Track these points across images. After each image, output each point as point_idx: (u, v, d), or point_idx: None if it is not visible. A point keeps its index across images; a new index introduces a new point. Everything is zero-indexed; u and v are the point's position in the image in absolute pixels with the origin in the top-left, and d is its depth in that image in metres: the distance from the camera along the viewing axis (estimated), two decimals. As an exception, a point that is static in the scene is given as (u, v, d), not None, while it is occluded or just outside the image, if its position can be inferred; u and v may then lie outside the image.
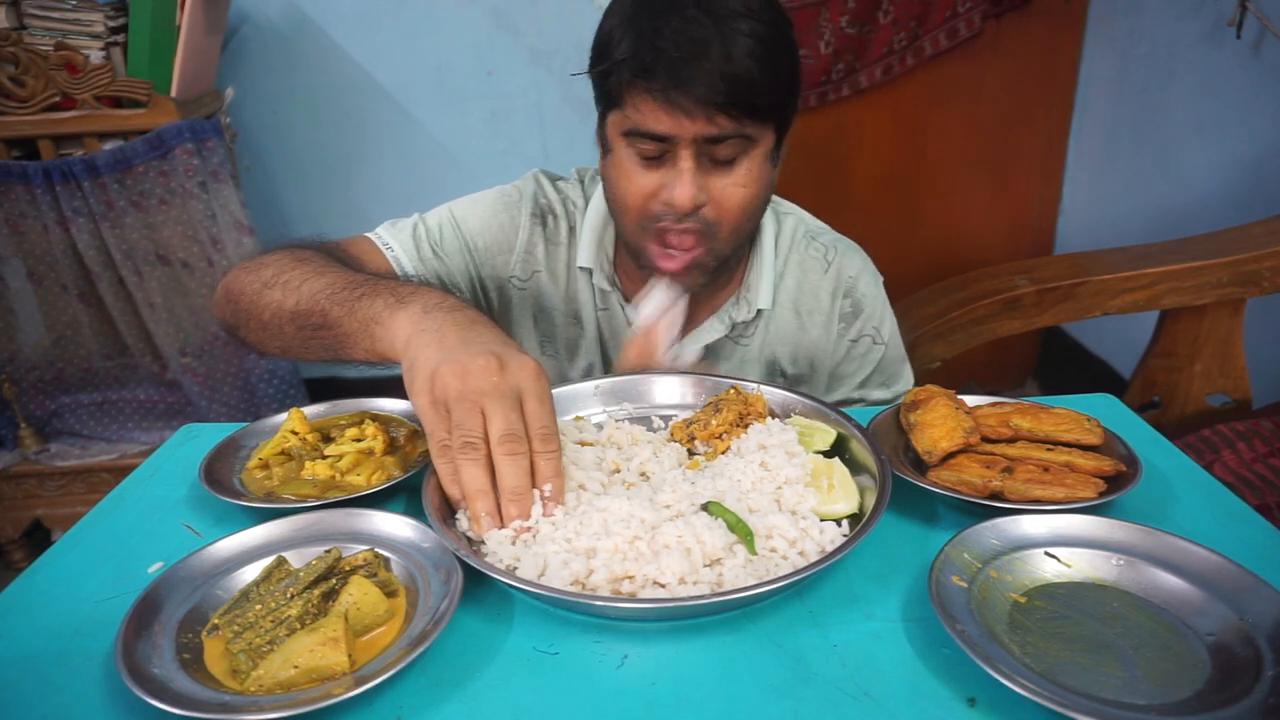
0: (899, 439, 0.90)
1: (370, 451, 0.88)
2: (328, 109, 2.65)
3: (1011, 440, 0.86)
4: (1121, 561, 0.69)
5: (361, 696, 0.57)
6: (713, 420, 0.88)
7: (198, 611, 0.67)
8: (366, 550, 0.72)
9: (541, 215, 1.16)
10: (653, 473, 0.83)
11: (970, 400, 0.92)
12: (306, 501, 0.80)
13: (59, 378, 2.30)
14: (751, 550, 0.69)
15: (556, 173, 1.22)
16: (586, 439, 0.88)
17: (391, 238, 1.10)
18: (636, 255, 1.06)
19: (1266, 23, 1.99)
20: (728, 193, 0.98)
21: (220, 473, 0.87)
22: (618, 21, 0.94)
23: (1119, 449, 0.83)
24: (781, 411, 0.93)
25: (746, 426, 0.88)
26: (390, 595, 0.68)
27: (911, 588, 0.70)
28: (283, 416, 0.95)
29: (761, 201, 1.02)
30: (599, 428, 0.92)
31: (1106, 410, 0.99)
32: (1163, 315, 1.95)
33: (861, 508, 0.77)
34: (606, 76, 0.96)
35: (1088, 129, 2.76)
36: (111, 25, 2.04)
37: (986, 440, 0.86)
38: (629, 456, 0.84)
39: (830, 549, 0.70)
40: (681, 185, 0.95)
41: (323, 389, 2.44)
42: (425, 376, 0.73)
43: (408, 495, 0.85)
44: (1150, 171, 2.51)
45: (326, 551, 0.70)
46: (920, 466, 0.84)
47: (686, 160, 0.95)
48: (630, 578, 0.67)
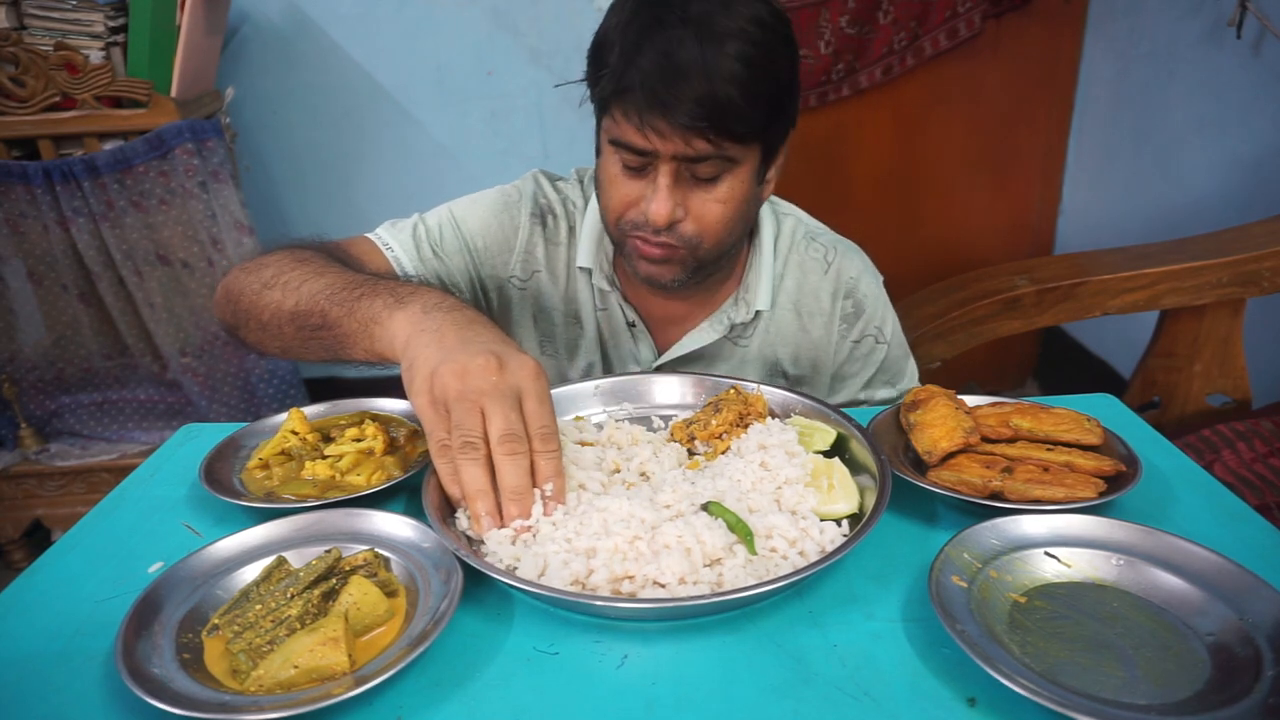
0: (899, 439, 0.90)
1: (370, 451, 0.88)
2: (327, 109, 2.65)
3: (1011, 440, 0.86)
4: (1121, 561, 0.69)
5: (361, 696, 0.57)
6: (713, 420, 0.88)
7: (198, 611, 0.67)
8: (366, 550, 0.72)
9: (541, 215, 1.16)
10: (653, 473, 0.83)
11: (970, 400, 0.92)
12: (306, 501, 0.80)
13: (59, 378, 2.30)
14: (751, 550, 0.69)
15: (556, 173, 1.22)
16: (586, 439, 0.88)
17: (391, 238, 1.10)
18: (619, 248, 1.06)
19: (1266, 23, 1.99)
20: (707, 208, 0.97)
21: (220, 473, 0.87)
22: (612, 26, 0.94)
23: (1119, 449, 0.83)
24: (781, 411, 0.93)
25: (746, 426, 0.88)
26: (390, 595, 0.68)
27: (911, 588, 0.70)
28: (283, 416, 0.95)
29: (743, 217, 1.01)
30: (599, 428, 0.92)
31: (1106, 410, 0.99)
32: (1163, 315, 1.95)
33: (861, 508, 0.77)
34: (595, 84, 0.96)
35: (1088, 129, 2.76)
36: (111, 25, 2.04)
37: (986, 440, 0.86)
38: (629, 456, 0.84)
39: (830, 549, 0.70)
40: (658, 201, 0.95)
41: (323, 389, 2.43)
42: (424, 376, 0.73)
43: (408, 495, 0.85)
44: (1150, 171, 2.51)
45: (326, 551, 0.70)
46: (920, 466, 0.84)
47: (665, 176, 0.94)
48: (630, 578, 0.67)
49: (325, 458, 0.88)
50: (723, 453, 0.86)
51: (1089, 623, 0.64)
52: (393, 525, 0.75)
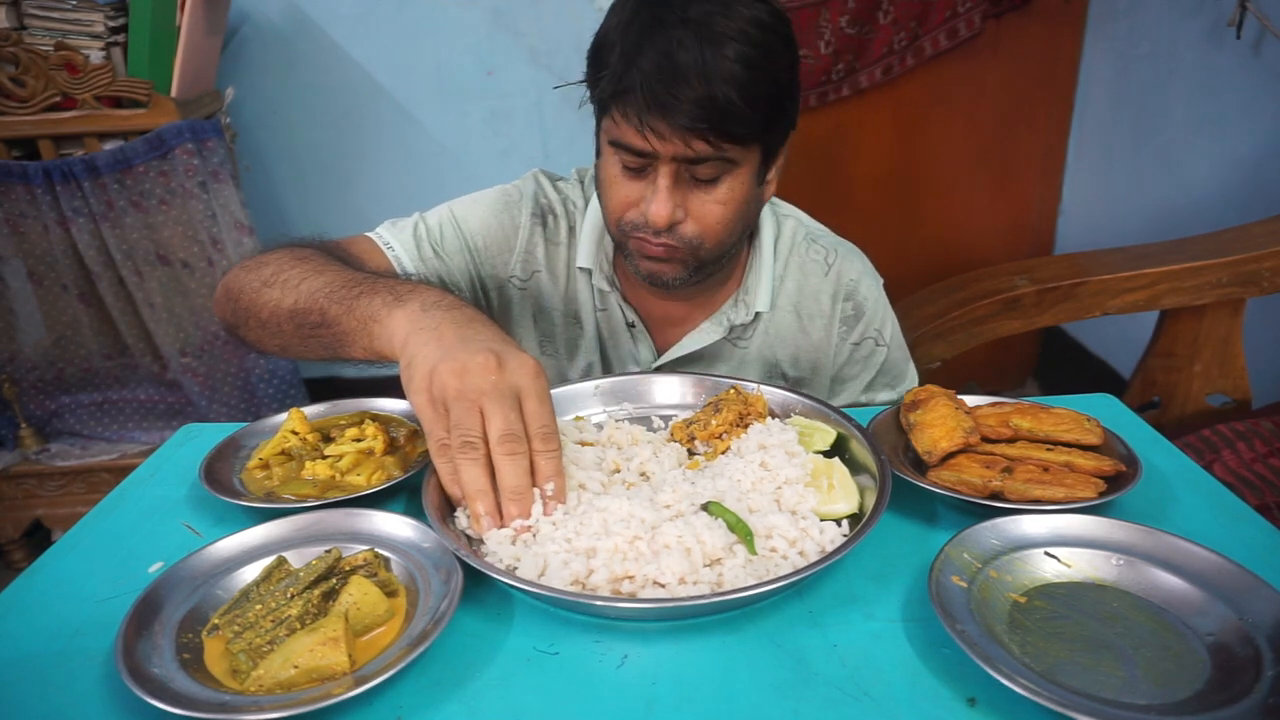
0: (899, 439, 0.90)
1: (370, 451, 0.88)
2: (327, 109, 2.65)
3: (1011, 440, 0.86)
4: (1121, 561, 0.69)
5: (361, 696, 0.57)
6: (713, 420, 0.88)
7: (198, 611, 0.67)
8: (366, 550, 0.72)
9: (542, 215, 1.16)
10: (653, 473, 0.83)
11: (970, 400, 0.92)
12: (306, 501, 0.80)
13: (59, 378, 2.30)
14: (751, 550, 0.69)
15: (556, 173, 1.22)
16: (586, 439, 0.88)
17: (392, 237, 1.10)
18: (620, 248, 1.06)
19: (1266, 23, 1.99)
20: (707, 209, 0.97)
21: (220, 473, 0.87)
22: (613, 26, 0.94)
23: (1119, 449, 0.83)
24: (781, 411, 0.93)
25: (746, 426, 0.88)
26: (390, 595, 0.68)
27: (911, 588, 0.70)
28: (283, 416, 0.95)
29: (743, 217, 1.01)
30: (599, 428, 0.92)
31: (1106, 410, 0.99)
32: (1163, 315, 1.95)
33: (861, 508, 0.77)
34: (595, 85, 0.96)
35: (1088, 129, 2.76)
36: (111, 25, 2.04)
37: (986, 440, 0.86)
38: (629, 456, 0.84)
39: (830, 549, 0.70)
40: (657, 202, 0.95)
41: (323, 389, 2.43)
42: (423, 375, 0.73)
43: (408, 495, 0.85)
44: (1150, 171, 2.51)
45: (326, 551, 0.70)
46: (920, 466, 0.84)
47: (664, 178, 0.94)
48: (630, 578, 0.67)
49: (325, 458, 0.88)
50: (723, 453, 0.86)
51: (1089, 623, 0.64)
52: (393, 525, 0.75)
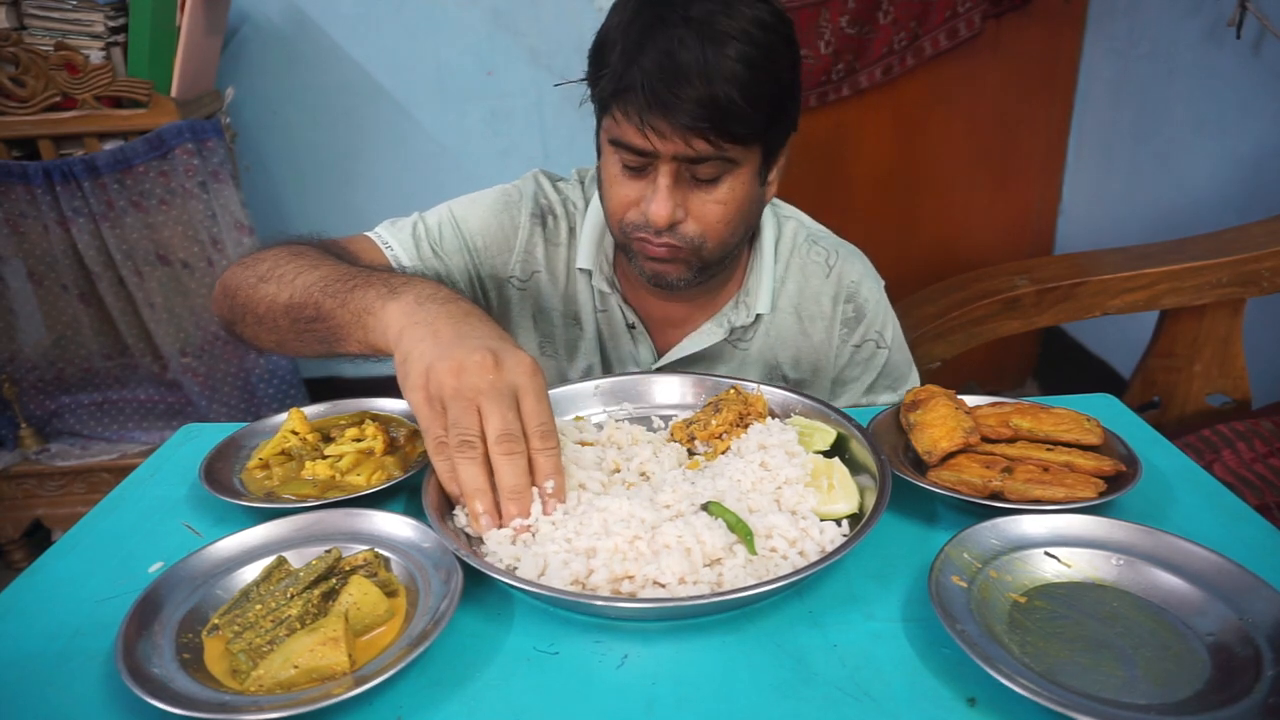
0: (899, 439, 0.90)
1: (370, 451, 0.88)
2: (327, 109, 2.65)
3: (1011, 440, 0.86)
4: (1121, 561, 0.69)
5: (361, 696, 0.57)
6: (713, 420, 0.88)
7: (198, 611, 0.67)
8: (366, 550, 0.72)
9: (541, 215, 1.16)
10: (653, 473, 0.83)
11: (970, 400, 0.92)
12: (306, 501, 0.80)
13: (59, 378, 2.30)
14: (751, 550, 0.69)
15: (556, 173, 1.22)
16: (586, 439, 0.88)
17: (391, 236, 1.10)
18: (624, 249, 1.06)
19: (1266, 23, 1.99)
20: (708, 209, 0.97)
21: (220, 473, 0.87)
22: (614, 25, 0.94)
23: (1119, 449, 0.83)
24: (781, 411, 0.93)
25: (746, 426, 0.88)
26: (390, 595, 0.68)
27: (911, 588, 0.70)
28: (283, 416, 0.95)
29: (744, 217, 1.01)
30: (599, 428, 0.92)
31: (1106, 410, 0.99)
32: (1163, 315, 1.95)
33: (861, 508, 0.77)
34: (596, 83, 0.96)
35: (1088, 129, 2.76)
36: (111, 25, 2.04)
37: (986, 440, 0.86)
38: (629, 456, 0.84)
39: (830, 549, 0.70)
40: (658, 202, 0.95)
41: (323, 389, 2.44)
42: (420, 372, 0.73)
43: (408, 495, 0.85)
44: (1150, 171, 2.51)
45: (326, 551, 0.70)
46: (920, 466, 0.84)
47: (665, 177, 0.94)
48: (630, 578, 0.67)
49: (325, 458, 0.88)
50: (723, 453, 0.86)
51: (1089, 623, 0.64)
52: (393, 525, 0.75)
